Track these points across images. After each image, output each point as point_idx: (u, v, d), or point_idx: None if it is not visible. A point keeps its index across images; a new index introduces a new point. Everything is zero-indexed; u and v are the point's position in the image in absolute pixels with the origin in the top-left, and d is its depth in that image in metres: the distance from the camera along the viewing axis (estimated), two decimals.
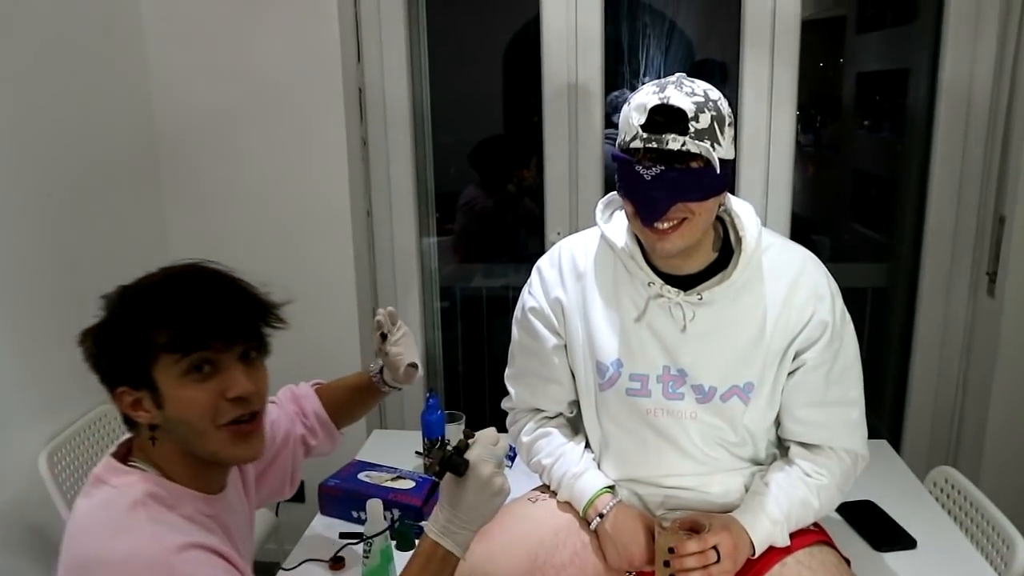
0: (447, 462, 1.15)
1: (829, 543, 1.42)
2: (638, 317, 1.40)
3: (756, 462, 1.48)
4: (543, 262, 1.54)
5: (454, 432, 1.97)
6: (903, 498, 1.77)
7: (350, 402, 1.59)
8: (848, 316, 1.43)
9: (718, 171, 1.25)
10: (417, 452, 2.00)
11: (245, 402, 1.06)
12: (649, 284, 1.38)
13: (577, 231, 2.39)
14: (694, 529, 1.32)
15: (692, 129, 1.22)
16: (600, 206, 1.48)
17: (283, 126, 2.42)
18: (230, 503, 1.20)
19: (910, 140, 2.67)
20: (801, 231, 2.69)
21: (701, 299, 1.36)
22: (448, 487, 1.17)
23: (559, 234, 2.55)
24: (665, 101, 1.23)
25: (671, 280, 1.38)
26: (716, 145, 1.24)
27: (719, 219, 1.41)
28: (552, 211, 2.58)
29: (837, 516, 1.68)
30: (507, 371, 1.60)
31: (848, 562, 1.40)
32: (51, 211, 2.03)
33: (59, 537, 1.84)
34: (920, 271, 2.54)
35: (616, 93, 2.63)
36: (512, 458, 1.95)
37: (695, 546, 1.28)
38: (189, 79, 2.42)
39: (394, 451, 2.00)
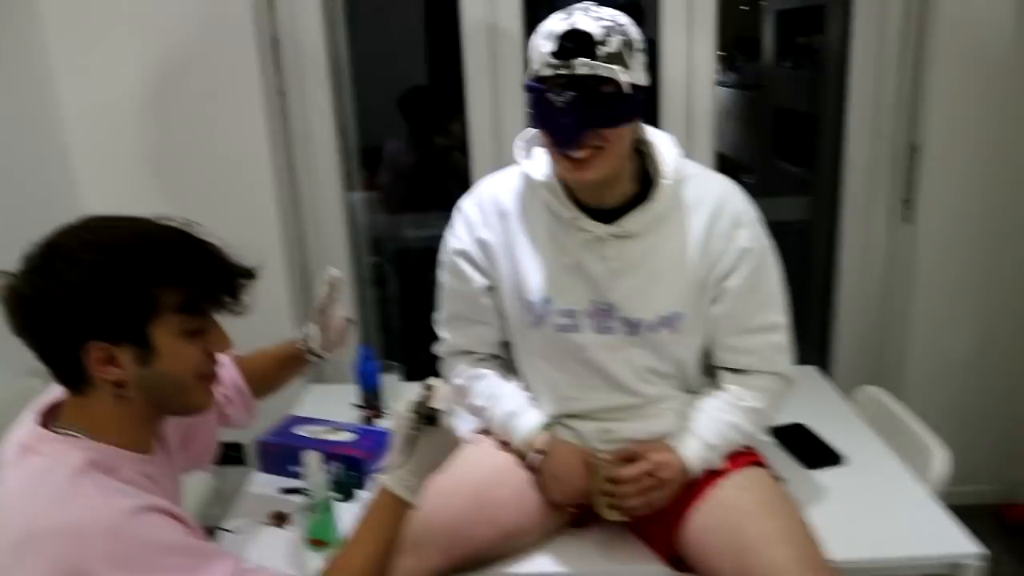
0: (427, 415, 1.17)
1: (762, 464, 1.46)
2: (563, 253, 1.40)
3: (689, 391, 1.50)
4: (465, 203, 1.52)
5: (389, 382, 1.96)
6: (832, 419, 1.83)
7: (271, 372, 1.57)
8: (769, 243, 1.46)
9: (629, 95, 1.25)
10: (353, 404, 1.98)
11: (216, 356, 1.12)
12: (572, 219, 1.38)
13: None
14: (630, 459, 1.34)
15: (601, 53, 1.22)
16: (518, 143, 1.46)
17: (194, 80, 2.32)
18: (161, 466, 1.17)
19: (830, 76, 2.71)
20: (728, 170, 2.71)
21: (624, 231, 1.37)
22: (410, 440, 1.18)
23: None
24: (573, 26, 1.22)
25: (593, 214, 1.38)
26: (626, 69, 1.24)
27: (638, 151, 1.41)
28: (478, 161, 2.55)
29: (769, 439, 1.74)
30: (437, 315, 1.59)
31: (782, 481, 1.44)
32: None
33: None
34: (841, 202, 2.60)
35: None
36: None
37: (632, 472, 1.30)
38: (90, 35, 2.29)
39: (329, 405, 1.98)
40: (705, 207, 1.40)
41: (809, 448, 1.70)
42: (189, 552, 0.99)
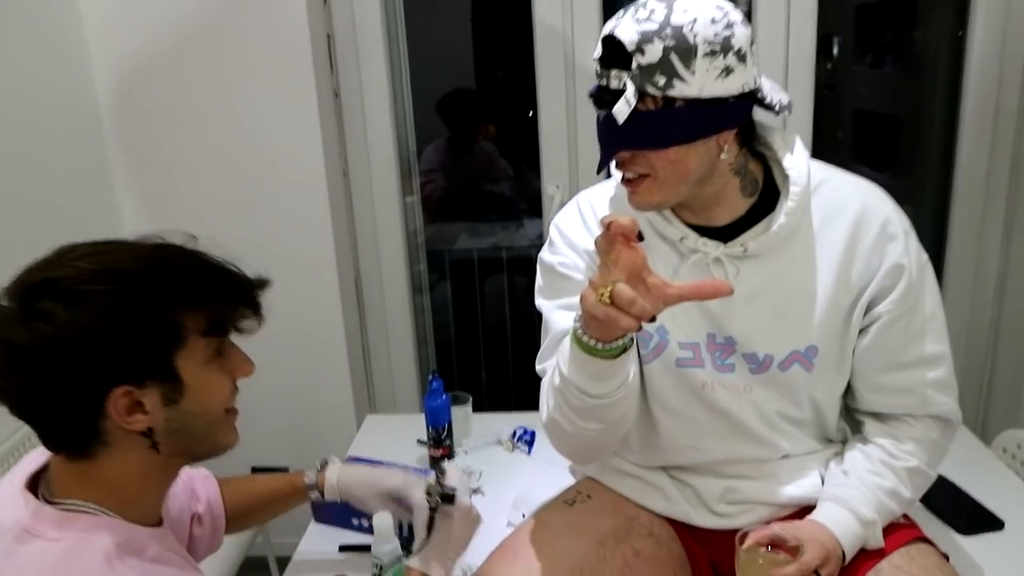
0: (442, 495, 1.22)
1: (926, 540, 1.20)
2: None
3: (828, 439, 1.27)
4: (560, 219, 1.29)
5: (460, 415, 1.75)
6: (973, 469, 1.57)
7: (257, 505, 1.31)
8: (926, 256, 1.20)
9: (680, 110, 1.04)
10: (419, 441, 1.77)
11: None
12: (681, 239, 1.16)
13: (577, 183, 2.09)
14: (776, 545, 1.09)
15: (636, 64, 1.03)
16: None
17: (244, 78, 2.13)
18: (172, 539, 0.99)
19: (925, 76, 2.45)
20: None
21: (746, 251, 1.15)
22: (429, 521, 1.21)
23: (558, 187, 2.31)
24: (612, 31, 1.05)
25: (707, 232, 1.16)
26: (676, 80, 1.03)
27: (759, 155, 1.19)
28: (549, 161, 2.32)
29: None
30: (539, 359, 1.27)
31: (947, 558, 1.20)
32: None
33: None
34: (950, 212, 2.34)
35: None
36: (530, 443, 1.74)
37: (796, 572, 1.05)
38: (132, 27, 2.11)
39: (392, 441, 1.78)
40: (845, 218, 1.16)
41: (959, 508, 1.45)
42: None
